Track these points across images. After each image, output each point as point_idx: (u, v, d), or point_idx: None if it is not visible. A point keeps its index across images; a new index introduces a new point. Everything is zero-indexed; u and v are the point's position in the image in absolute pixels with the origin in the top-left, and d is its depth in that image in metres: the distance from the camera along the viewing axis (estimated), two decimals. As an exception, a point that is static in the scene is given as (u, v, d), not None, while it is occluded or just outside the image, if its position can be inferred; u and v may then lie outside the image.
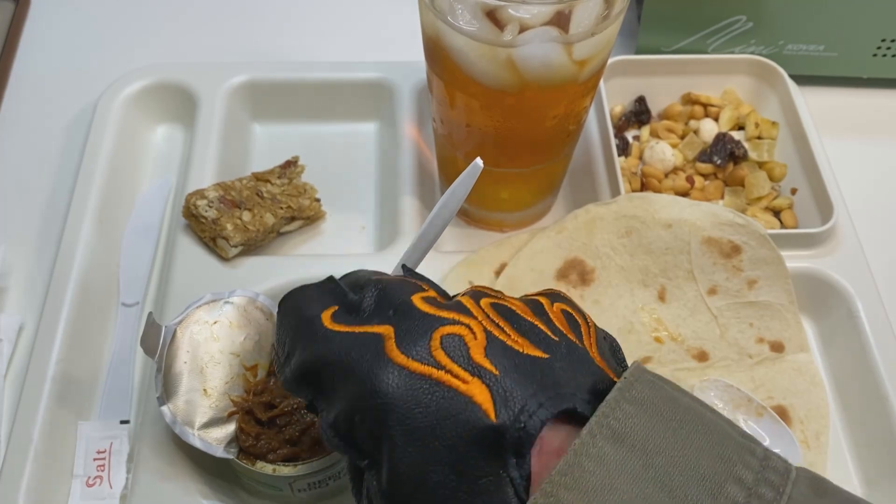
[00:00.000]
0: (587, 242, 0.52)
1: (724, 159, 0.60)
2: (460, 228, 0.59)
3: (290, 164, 0.60)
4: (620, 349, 0.33)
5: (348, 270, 0.37)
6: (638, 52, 0.68)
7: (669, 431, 0.25)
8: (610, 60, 0.61)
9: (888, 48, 0.66)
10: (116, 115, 0.62)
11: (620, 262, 0.52)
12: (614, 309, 0.51)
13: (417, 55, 0.52)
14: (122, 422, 0.49)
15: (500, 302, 0.31)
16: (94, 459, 0.47)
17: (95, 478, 0.47)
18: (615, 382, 0.27)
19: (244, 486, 0.47)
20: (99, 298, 0.54)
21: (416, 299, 0.30)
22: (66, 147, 0.63)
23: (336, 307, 0.32)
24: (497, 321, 0.30)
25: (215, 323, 0.46)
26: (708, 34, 0.66)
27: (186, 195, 0.55)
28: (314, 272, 0.53)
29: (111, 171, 0.59)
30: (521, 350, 0.28)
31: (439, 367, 0.27)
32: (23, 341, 0.53)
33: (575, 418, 0.27)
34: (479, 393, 0.26)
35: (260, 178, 0.59)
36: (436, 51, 0.47)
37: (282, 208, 0.57)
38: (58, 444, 0.47)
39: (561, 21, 0.43)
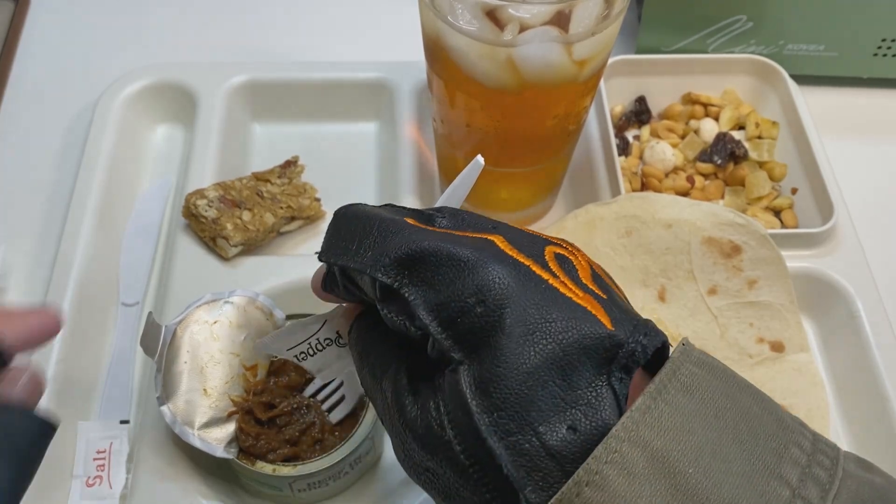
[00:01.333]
0: (587, 242, 0.52)
1: (725, 159, 0.60)
2: (460, 228, 0.59)
3: (290, 164, 0.60)
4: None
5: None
6: (638, 52, 0.68)
7: (732, 394, 0.26)
8: (610, 60, 0.61)
9: (888, 48, 0.66)
10: (116, 115, 0.62)
11: (620, 262, 0.52)
12: (614, 309, 0.51)
13: (417, 55, 0.52)
14: (122, 422, 0.49)
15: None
16: (94, 459, 0.47)
17: (95, 478, 0.47)
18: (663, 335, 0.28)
19: (244, 486, 0.47)
20: (99, 298, 0.54)
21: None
22: (66, 147, 0.63)
23: (414, 220, 0.30)
24: (590, 261, 0.30)
25: (215, 323, 0.46)
26: (708, 34, 0.66)
27: (186, 195, 0.55)
28: (314, 272, 0.53)
29: (111, 171, 0.59)
30: (609, 285, 0.29)
31: (555, 276, 0.27)
32: (23, 341, 0.53)
33: (647, 367, 0.27)
34: (593, 307, 0.26)
35: (260, 177, 0.59)
36: (436, 51, 0.47)
37: (282, 208, 0.57)
38: (58, 444, 0.47)
39: (561, 21, 0.43)
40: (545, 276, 0.27)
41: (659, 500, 0.23)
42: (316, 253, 0.32)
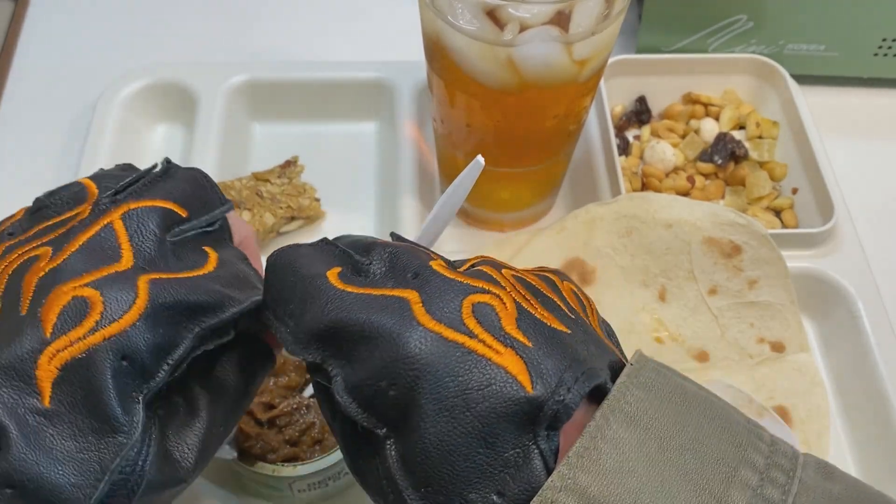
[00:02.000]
0: (587, 242, 0.52)
1: (725, 159, 0.60)
2: (460, 228, 0.59)
3: (290, 164, 0.60)
4: (615, 335, 0.33)
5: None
6: (638, 52, 0.68)
7: (680, 416, 0.25)
8: (610, 60, 0.61)
9: (889, 48, 0.66)
10: (116, 114, 0.62)
11: (621, 262, 0.52)
12: (615, 309, 0.51)
13: (417, 55, 0.52)
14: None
15: (520, 275, 0.30)
16: (94, 460, 0.47)
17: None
18: (624, 364, 0.27)
19: (244, 487, 0.46)
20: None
21: (436, 265, 0.29)
22: (66, 147, 0.63)
23: (340, 268, 0.30)
24: (522, 293, 0.29)
25: None
26: (708, 34, 0.66)
27: (186, 195, 0.55)
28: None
29: (111, 171, 0.59)
30: (548, 324, 0.27)
31: (472, 335, 0.26)
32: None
33: (593, 397, 0.26)
34: (513, 364, 0.25)
35: (259, 177, 0.59)
36: (436, 50, 0.47)
37: (281, 208, 0.57)
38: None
39: (561, 20, 0.43)
40: (460, 339, 0.26)
41: None
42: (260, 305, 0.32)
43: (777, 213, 0.59)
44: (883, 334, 0.51)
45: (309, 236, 0.58)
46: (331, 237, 0.32)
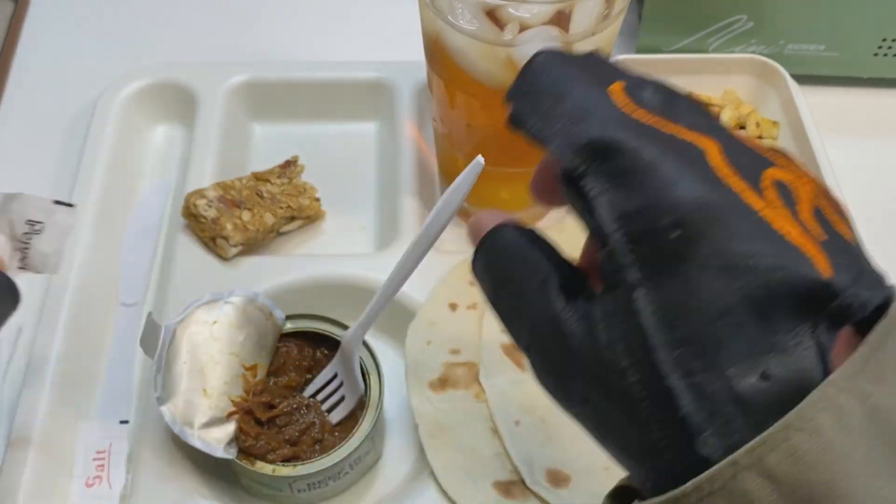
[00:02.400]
0: (587, 242, 0.52)
1: (725, 159, 0.60)
2: (461, 228, 0.59)
3: (290, 164, 0.60)
4: None
5: (349, 270, 0.36)
6: (638, 52, 0.68)
7: None
8: (610, 60, 0.60)
9: (889, 48, 0.66)
10: (116, 114, 0.62)
11: (621, 262, 0.52)
12: (615, 309, 0.51)
13: (417, 55, 0.52)
14: (122, 422, 0.49)
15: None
16: (94, 459, 0.47)
17: (95, 478, 0.47)
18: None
19: (244, 487, 0.47)
20: (98, 298, 0.54)
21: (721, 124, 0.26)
22: (66, 147, 0.63)
23: (625, 82, 0.27)
24: (817, 188, 0.26)
25: (215, 323, 0.46)
26: (708, 34, 0.66)
27: (186, 195, 0.55)
28: (314, 272, 0.53)
29: (111, 171, 0.59)
30: (836, 227, 0.25)
31: (771, 206, 0.23)
32: (22, 342, 0.53)
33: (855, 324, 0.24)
34: (810, 246, 0.23)
35: (260, 177, 0.59)
36: (436, 50, 0.47)
37: (281, 208, 0.57)
38: (57, 444, 0.47)
39: (561, 20, 0.43)
40: (758, 205, 0.23)
41: (875, 459, 0.21)
42: (507, 94, 0.28)
43: (777, 213, 0.59)
44: (883, 334, 0.51)
45: (309, 236, 0.58)
46: (331, 237, 0.30)
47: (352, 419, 0.46)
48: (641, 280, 0.23)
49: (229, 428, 0.44)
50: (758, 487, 0.21)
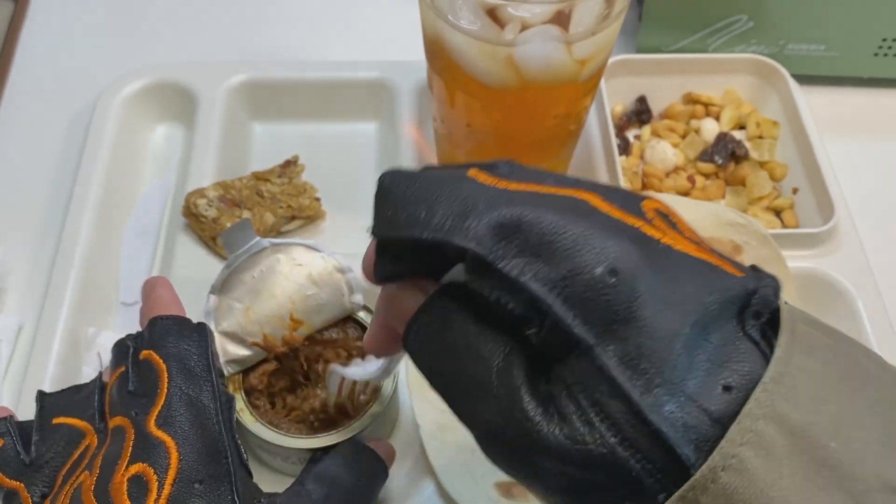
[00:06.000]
0: (588, 242, 0.52)
1: (726, 159, 0.60)
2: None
3: (290, 164, 0.60)
4: None
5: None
6: (638, 52, 0.68)
7: (846, 351, 0.24)
8: (611, 60, 0.61)
9: (889, 48, 0.66)
10: (116, 114, 0.61)
11: (621, 262, 0.52)
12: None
13: (418, 54, 0.51)
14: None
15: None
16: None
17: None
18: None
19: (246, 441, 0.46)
20: (99, 298, 0.54)
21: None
22: (66, 147, 0.63)
23: (477, 168, 0.27)
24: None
25: (300, 265, 0.46)
26: (708, 34, 0.66)
27: (186, 194, 0.55)
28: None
29: (111, 171, 0.59)
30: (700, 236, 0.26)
31: (664, 233, 0.25)
32: (22, 342, 0.53)
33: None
34: (713, 258, 0.24)
35: (260, 177, 0.59)
36: (436, 50, 0.47)
37: (282, 207, 0.56)
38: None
39: (561, 20, 0.43)
40: (657, 235, 0.24)
41: (801, 479, 0.21)
42: (367, 230, 0.28)
43: (777, 213, 0.59)
44: (883, 334, 0.51)
45: (309, 236, 0.58)
46: (332, 237, 0.30)
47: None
48: (597, 337, 0.23)
49: (243, 352, 0.45)
50: None
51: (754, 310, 0.23)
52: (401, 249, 0.27)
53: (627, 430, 0.22)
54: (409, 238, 0.26)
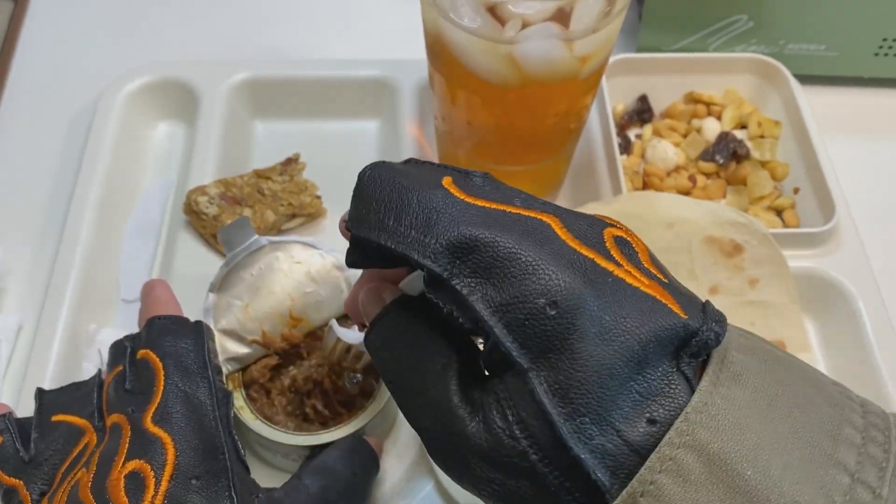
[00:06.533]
0: (588, 241, 0.52)
1: (727, 158, 0.60)
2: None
3: (291, 162, 0.60)
4: None
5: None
6: (638, 52, 0.68)
7: (780, 377, 0.25)
8: (612, 59, 0.61)
9: (889, 48, 0.66)
10: (117, 112, 0.62)
11: (622, 261, 0.52)
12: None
13: (419, 52, 0.52)
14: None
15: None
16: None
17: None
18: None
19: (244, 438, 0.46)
20: (99, 295, 0.54)
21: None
22: (67, 145, 0.63)
23: (451, 177, 0.28)
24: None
25: (298, 263, 0.47)
26: (709, 34, 0.66)
27: (187, 191, 0.55)
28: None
29: (112, 169, 0.59)
30: (661, 265, 0.27)
31: (618, 265, 0.26)
32: (21, 341, 0.53)
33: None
34: (661, 294, 0.25)
35: (261, 175, 0.59)
36: (437, 48, 0.47)
37: (283, 205, 0.57)
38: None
39: (562, 18, 0.43)
40: (609, 266, 0.25)
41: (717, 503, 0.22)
42: (343, 221, 0.29)
43: (778, 212, 0.59)
44: (883, 334, 0.51)
45: (310, 233, 0.58)
46: (332, 235, 0.31)
47: (356, 408, 0.46)
48: (531, 362, 0.25)
49: (242, 350, 0.45)
50: None
51: (693, 350, 0.24)
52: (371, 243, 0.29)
53: (548, 449, 0.24)
54: (375, 243, 0.27)
